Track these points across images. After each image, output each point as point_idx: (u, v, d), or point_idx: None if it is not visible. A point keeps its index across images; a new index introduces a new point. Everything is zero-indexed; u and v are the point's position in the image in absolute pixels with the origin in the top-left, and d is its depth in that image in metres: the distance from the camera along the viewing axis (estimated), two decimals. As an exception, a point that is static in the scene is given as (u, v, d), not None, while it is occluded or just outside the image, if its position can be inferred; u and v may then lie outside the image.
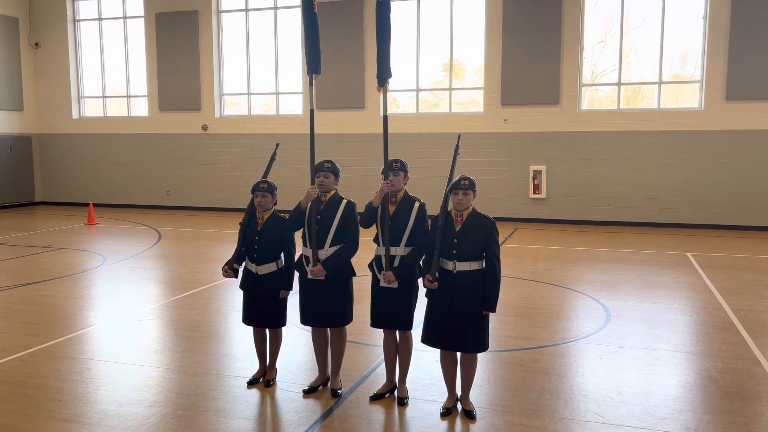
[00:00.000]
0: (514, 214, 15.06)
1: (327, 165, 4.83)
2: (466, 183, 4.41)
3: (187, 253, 11.16)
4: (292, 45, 16.73)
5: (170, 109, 17.67)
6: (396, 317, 4.70)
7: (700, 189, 14.07)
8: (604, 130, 14.53)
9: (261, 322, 5.08)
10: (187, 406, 4.71)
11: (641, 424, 4.41)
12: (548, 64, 14.67)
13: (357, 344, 5.96)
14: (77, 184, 18.82)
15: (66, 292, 8.22)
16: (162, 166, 17.88)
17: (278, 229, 4.94)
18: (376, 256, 4.73)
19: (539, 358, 5.77)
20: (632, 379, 5.28)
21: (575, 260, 10.55)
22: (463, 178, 4.43)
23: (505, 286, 8.51)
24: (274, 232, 4.94)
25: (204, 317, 7.11)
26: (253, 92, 17.37)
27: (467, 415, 4.51)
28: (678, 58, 14.79)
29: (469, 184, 4.42)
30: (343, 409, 4.67)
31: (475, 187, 4.46)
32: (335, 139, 15.69)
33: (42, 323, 6.83)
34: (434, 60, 16.04)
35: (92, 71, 18.81)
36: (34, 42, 18.74)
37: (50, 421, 4.46)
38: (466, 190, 4.41)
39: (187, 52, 17.28)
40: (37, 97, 19.07)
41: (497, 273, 4.42)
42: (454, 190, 4.42)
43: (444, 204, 4.51)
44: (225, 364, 5.63)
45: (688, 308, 7.59)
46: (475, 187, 4.45)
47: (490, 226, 4.44)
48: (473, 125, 15.32)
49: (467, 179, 4.43)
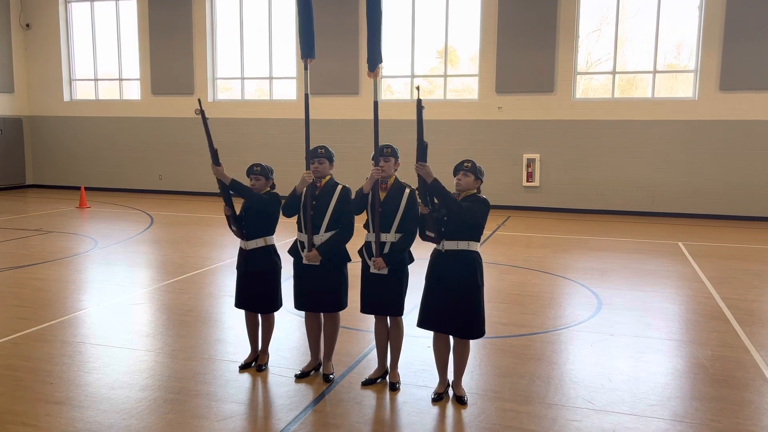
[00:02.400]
0: (507, 202, 15.08)
1: (321, 150, 4.81)
2: (468, 165, 4.44)
3: (180, 237, 11.13)
4: (286, 29, 16.62)
5: (163, 93, 17.53)
6: (386, 303, 4.71)
7: (693, 179, 14.13)
8: (599, 119, 14.54)
9: (253, 306, 5.08)
10: (179, 389, 4.71)
11: (631, 410, 4.45)
12: (543, 52, 14.64)
13: (349, 330, 5.98)
14: (69, 168, 18.69)
15: (57, 276, 8.19)
16: (154, 150, 17.78)
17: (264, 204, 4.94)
18: (366, 242, 4.73)
19: (530, 345, 5.80)
20: (622, 366, 5.32)
21: (567, 248, 10.59)
22: (466, 161, 4.48)
23: (497, 274, 8.54)
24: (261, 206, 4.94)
25: (196, 302, 7.11)
26: (247, 77, 17.27)
27: (458, 401, 4.54)
28: (673, 47, 14.79)
29: (471, 166, 4.44)
30: (334, 393, 4.69)
31: (479, 173, 4.47)
32: (329, 124, 15.63)
33: (33, 306, 6.81)
34: (429, 46, 15.97)
35: (84, 53, 18.62)
36: (25, 23, 18.53)
37: (42, 403, 4.46)
38: (467, 171, 4.43)
39: (180, 35, 17.13)
40: (28, 79, 18.89)
41: (454, 206, 4.28)
42: (455, 171, 4.49)
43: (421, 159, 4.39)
44: (217, 349, 5.63)
45: (678, 297, 7.65)
46: (477, 173, 4.46)
47: (479, 199, 4.42)
48: (467, 112, 15.31)
49: (470, 162, 4.46)
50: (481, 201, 4.43)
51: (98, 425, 4.14)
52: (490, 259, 9.11)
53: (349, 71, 15.83)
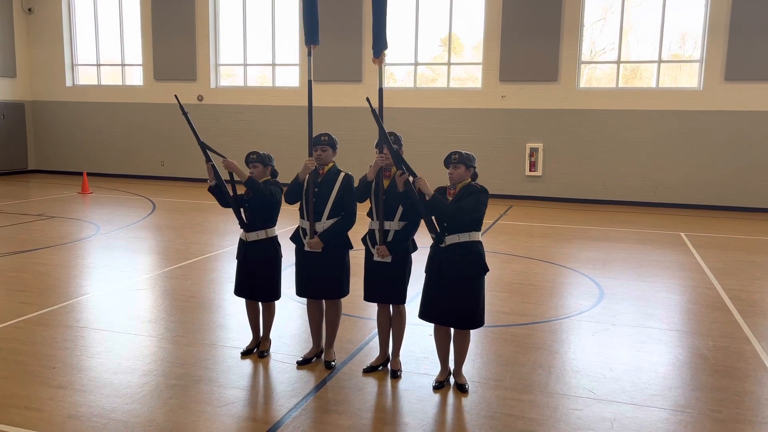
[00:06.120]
0: (510, 191, 15.05)
1: (324, 138, 4.80)
2: (456, 157, 4.45)
3: (182, 223, 11.14)
4: (289, 15, 16.53)
5: (165, 79, 17.47)
6: (389, 291, 4.71)
7: (696, 169, 14.08)
8: (602, 109, 14.47)
9: (254, 294, 5.08)
10: (181, 375, 4.73)
11: (632, 400, 4.46)
12: (547, 41, 14.55)
13: (351, 317, 5.98)
14: (71, 153, 18.67)
15: (59, 261, 8.20)
16: (157, 136, 17.74)
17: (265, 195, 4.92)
18: (370, 230, 4.72)
19: (532, 334, 5.81)
20: (624, 356, 5.32)
21: (570, 238, 10.58)
22: (453, 153, 4.48)
23: (499, 263, 8.54)
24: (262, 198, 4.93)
25: (198, 288, 7.12)
26: (250, 63, 17.19)
27: (459, 389, 4.55)
28: (678, 37, 14.69)
29: (459, 158, 4.42)
30: (336, 380, 4.70)
31: (468, 161, 4.44)
32: (332, 112, 15.58)
33: (35, 291, 6.82)
34: (433, 34, 15.88)
35: (86, 38, 18.54)
36: (27, 7, 18.44)
37: (44, 387, 4.47)
38: (456, 164, 4.43)
39: (182, 20, 17.04)
40: (30, 64, 18.82)
41: (443, 210, 4.34)
42: (446, 164, 4.50)
43: (398, 163, 4.45)
44: (219, 335, 5.64)
45: (680, 287, 7.64)
46: (467, 162, 4.44)
47: (475, 189, 4.41)
48: (471, 101, 15.25)
49: (458, 153, 4.45)
50: (478, 191, 4.39)
51: (101, 409, 4.15)
52: (491, 249, 9.10)
53: (352, 58, 15.76)
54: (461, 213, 4.30)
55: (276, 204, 4.98)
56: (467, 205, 4.31)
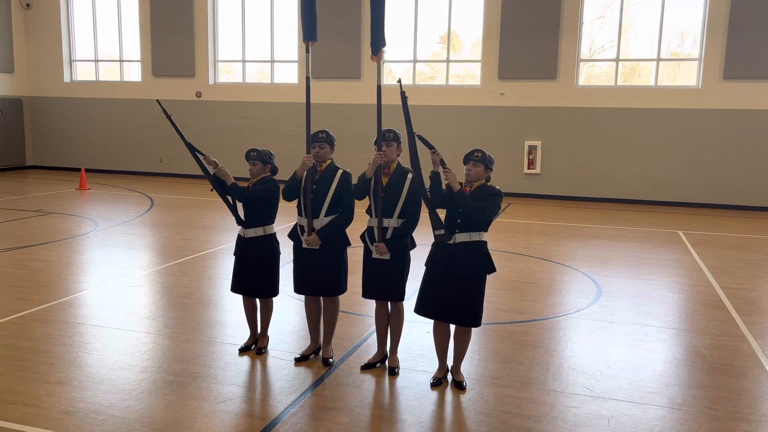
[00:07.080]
0: (508, 189, 15.03)
1: (322, 135, 4.79)
2: (479, 155, 4.44)
3: (180, 220, 11.13)
4: (287, 12, 16.50)
5: (164, 75, 17.45)
6: (388, 288, 4.71)
7: (694, 167, 14.10)
8: (601, 107, 14.48)
9: (252, 290, 5.07)
10: (179, 371, 4.73)
11: (629, 397, 4.47)
12: (546, 38, 14.55)
13: (349, 314, 5.98)
14: (69, 149, 18.64)
15: (57, 257, 8.20)
16: (155, 132, 17.69)
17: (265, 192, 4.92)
18: (369, 227, 4.72)
19: (530, 332, 5.81)
20: (621, 353, 5.33)
21: (568, 236, 10.59)
22: (476, 150, 4.47)
23: (497, 260, 8.50)
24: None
25: (196, 284, 7.11)
26: (248, 59, 17.17)
27: (457, 386, 4.55)
28: (677, 35, 14.69)
29: (481, 156, 4.44)
30: (334, 377, 4.70)
31: (488, 163, 4.46)
32: (331, 109, 15.57)
33: (33, 287, 6.82)
34: (432, 32, 15.86)
35: (84, 34, 18.50)
36: (25, 2, 18.38)
37: (42, 383, 4.47)
38: (477, 162, 4.44)
39: (181, 16, 17.01)
40: (28, 59, 18.78)
41: (468, 206, 4.33)
42: (465, 160, 4.49)
43: (413, 154, 4.50)
44: (217, 331, 5.64)
45: (678, 285, 7.65)
46: (487, 163, 4.45)
47: (493, 191, 4.43)
48: (469, 98, 15.24)
49: (481, 152, 4.46)
50: (495, 194, 4.44)
51: (98, 405, 4.15)
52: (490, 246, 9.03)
53: (351, 55, 15.75)
54: (481, 213, 4.34)
55: (274, 201, 4.98)
56: (487, 206, 4.35)
